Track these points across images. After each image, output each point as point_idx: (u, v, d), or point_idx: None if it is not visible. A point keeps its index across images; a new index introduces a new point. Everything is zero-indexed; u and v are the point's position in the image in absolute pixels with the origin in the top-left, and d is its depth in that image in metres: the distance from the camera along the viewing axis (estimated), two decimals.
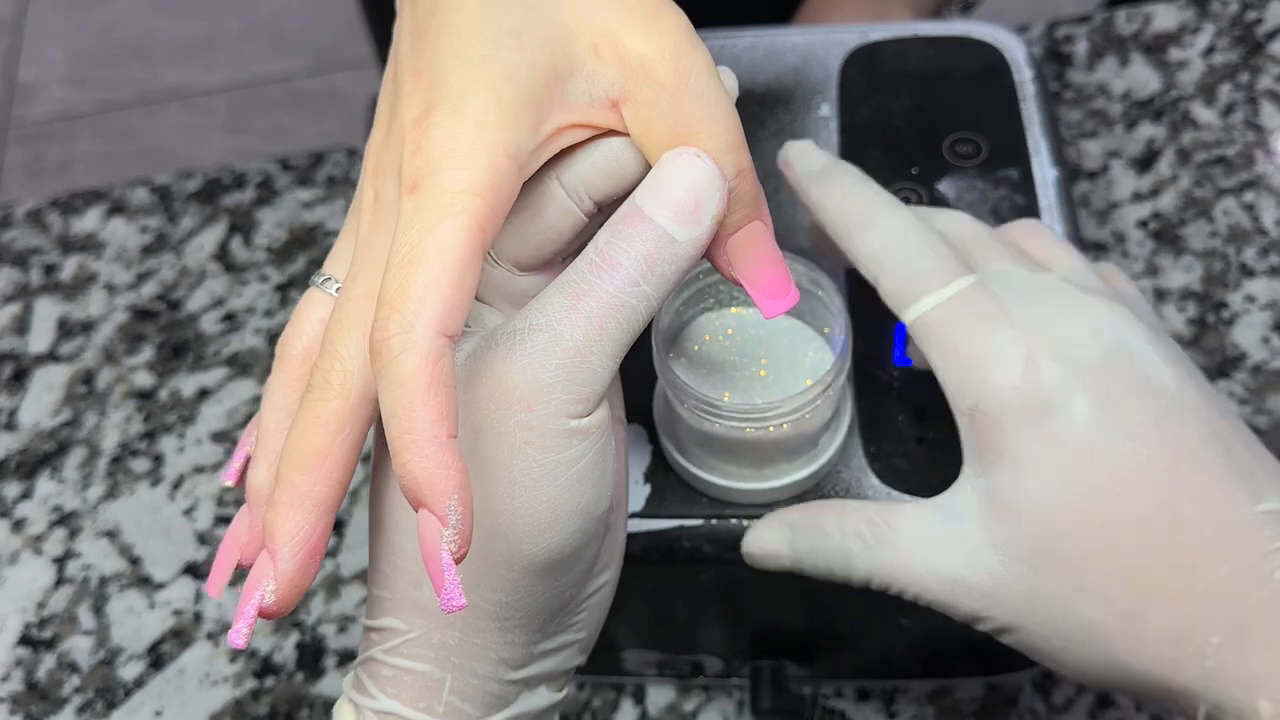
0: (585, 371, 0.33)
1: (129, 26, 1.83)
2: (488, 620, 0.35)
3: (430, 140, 0.32)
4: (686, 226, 0.33)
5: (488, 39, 0.33)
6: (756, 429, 0.42)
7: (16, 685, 0.61)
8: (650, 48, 0.34)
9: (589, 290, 0.33)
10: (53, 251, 0.75)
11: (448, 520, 0.30)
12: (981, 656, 0.55)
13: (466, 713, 0.36)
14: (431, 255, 0.30)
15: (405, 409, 0.30)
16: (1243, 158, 0.71)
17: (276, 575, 0.33)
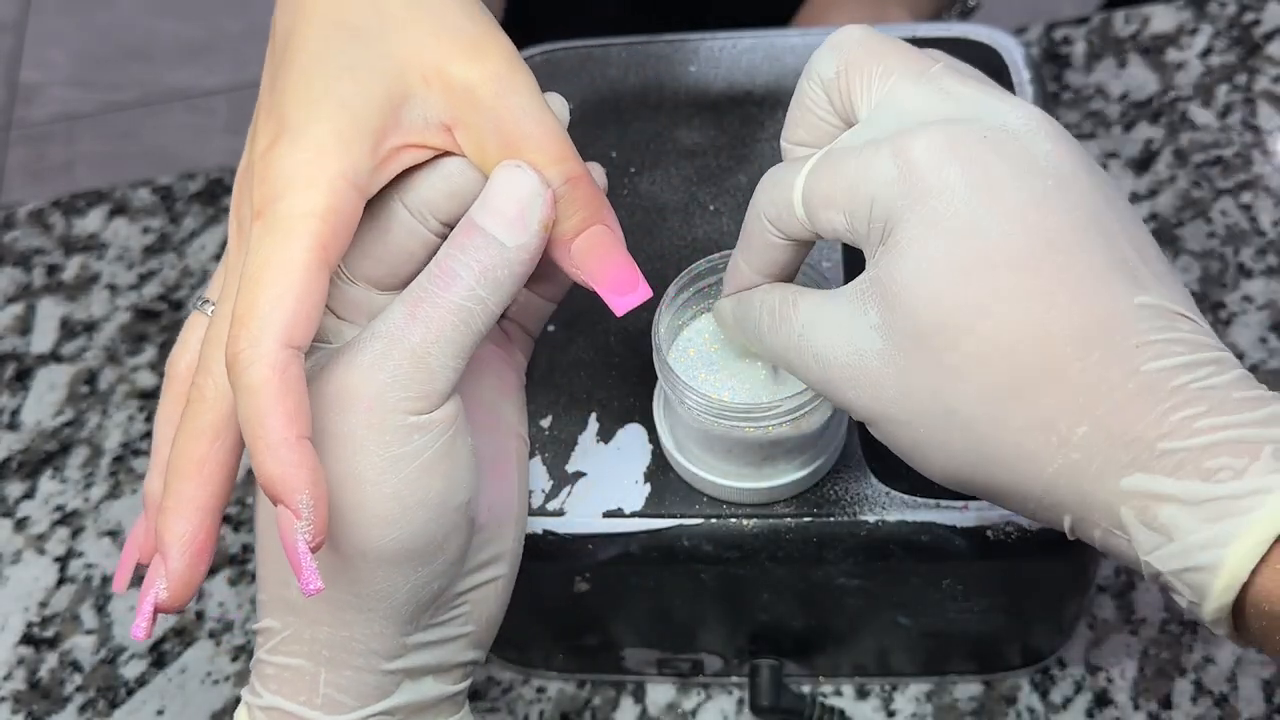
0: (424, 370, 0.36)
1: (131, 28, 1.83)
2: (352, 613, 0.38)
3: (273, 169, 0.35)
4: (515, 233, 0.37)
5: (326, 75, 0.37)
6: (756, 428, 0.42)
7: (19, 684, 0.61)
8: (473, 74, 0.37)
9: (426, 298, 0.36)
10: (55, 252, 0.75)
11: (301, 513, 0.33)
12: (980, 655, 0.55)
13: (344, 703, 0.38)
14: (276, 274, 0.34)
15: (257, 415, 0.33)
16: (1240, 159, 0.71)
17: (168, 574, 0.36)
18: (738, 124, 0.55)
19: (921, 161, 0.33)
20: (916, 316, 0.33)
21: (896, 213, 0.34)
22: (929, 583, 0.48)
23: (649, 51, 0.57)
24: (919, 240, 0.33)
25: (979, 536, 0.46)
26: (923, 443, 0.35)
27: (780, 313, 0.38)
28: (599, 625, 0.53)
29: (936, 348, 0.33)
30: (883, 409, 0.35)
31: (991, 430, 0.33)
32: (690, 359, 0.45)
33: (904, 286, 0.33)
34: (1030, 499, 0.34)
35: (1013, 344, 0.32)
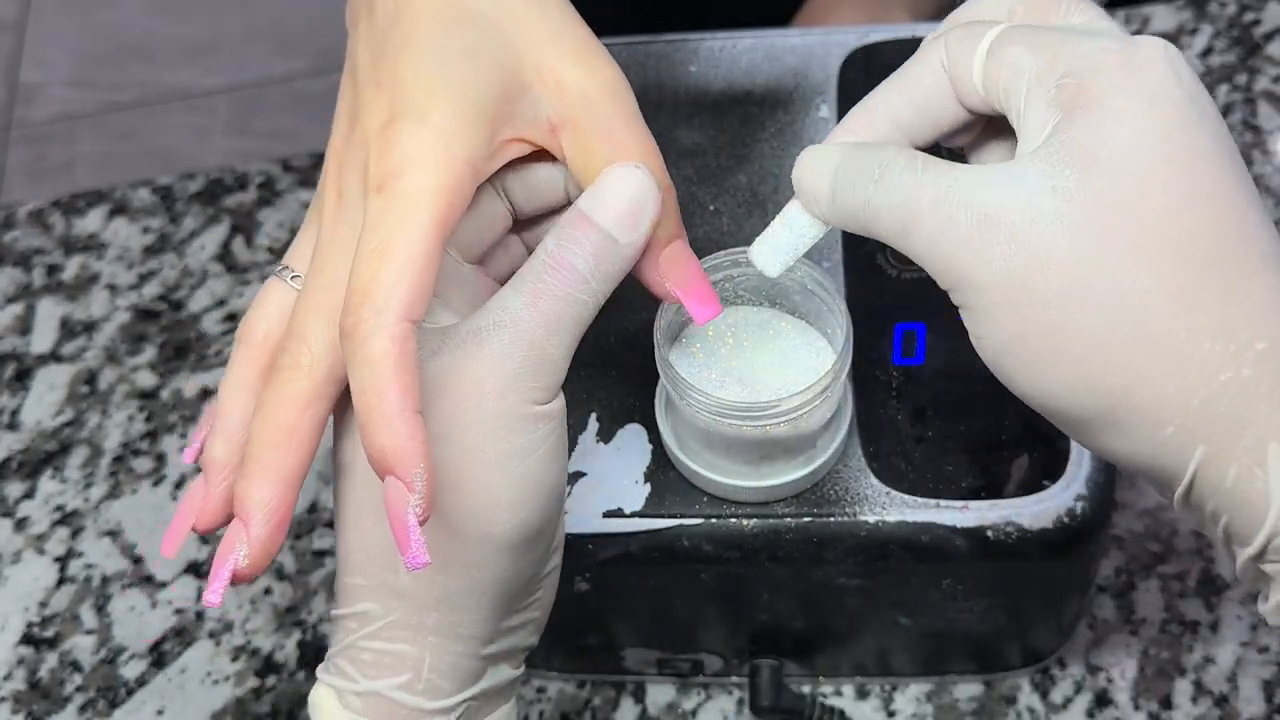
0: (546, 362, 0.36)
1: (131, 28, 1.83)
2: (465, 597, 0.38)
3: (396, 146, 0.36)
4: (627, 230, 0.37)
5: (446, 56, 0.37)
6: (756, 427, 0.42)
7: (19, 684, 0.61)
8: (589, 80, 0.38)
9: (546, 289, 0.36)
10: (55, 252, 0.75)
11: (414, 485, 0.33)
12: (980, 655, 0.55)
13: (443, 688, 0.38)
14: (400, 248, 0.34)
15: (374, 386, 0.34)
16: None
17: (250, 541, 0.37)
18: (738, 124, 0.55)
19: (1153, 49, 0.33)
20: (1124, 184, 0.32)
21: (1109, 78, 0.33)
22: (929, 583, 0.48)
23: (649, 51, 0.57)
24: (1136, 113, 0.32)
25: (979, 536, 0.46)
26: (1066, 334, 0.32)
27: (928, 162, 0.35)
28: (599, 625, 0.53)
29: (1135, 223, 0.32)
30: (1034, 281, 0.32)
31: (1169, 324, 0.32)
32: (691, 357, 0.45)
33: (1117, 152, 0.32)
34: (1171, 420, 0.32)
35: (1213, 240, 0.32)
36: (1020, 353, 0.34)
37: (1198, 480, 0.33)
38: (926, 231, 0.34)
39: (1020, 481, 0.46)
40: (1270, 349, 0.31)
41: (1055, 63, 0.33)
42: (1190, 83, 0.33)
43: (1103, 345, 0.32)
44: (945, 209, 0.34)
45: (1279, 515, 0.31)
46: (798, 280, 0.44)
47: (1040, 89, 0.34)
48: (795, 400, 0.41)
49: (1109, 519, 0.48)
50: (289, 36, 1.79)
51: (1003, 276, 0.33)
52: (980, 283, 0.33)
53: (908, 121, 0.37)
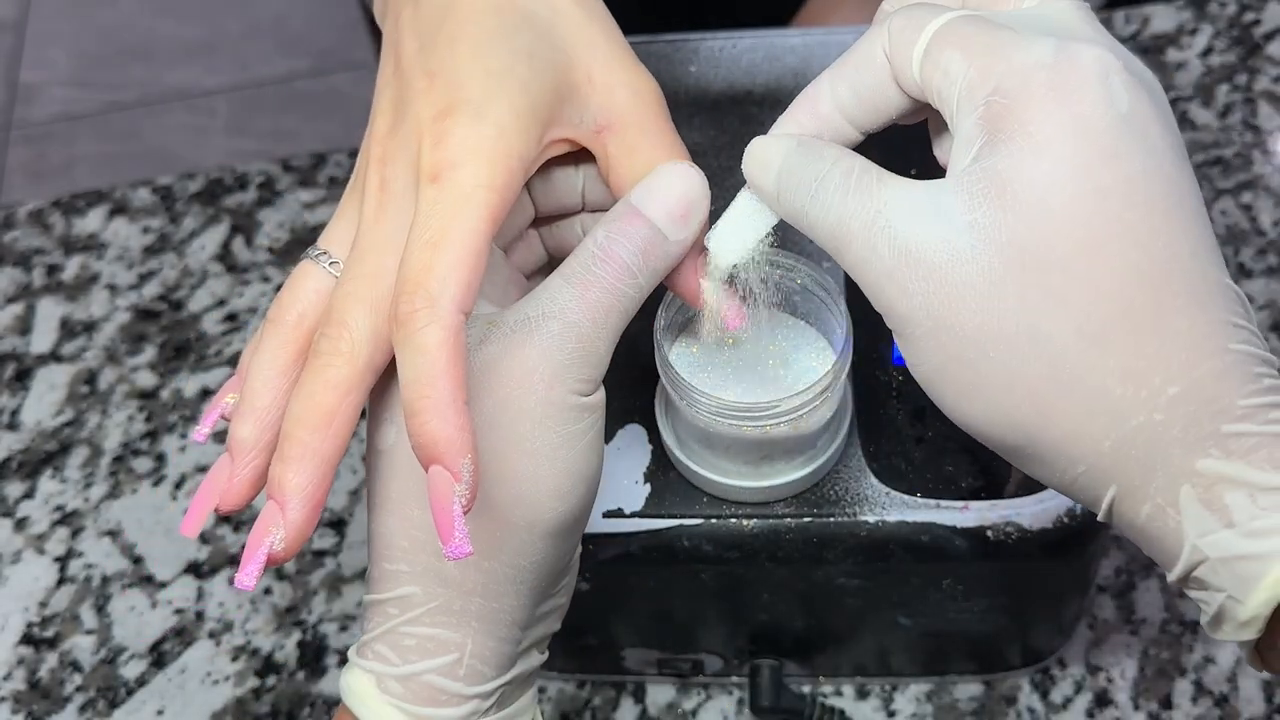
0: (593, 354, 0.37)
1: (131, 28, 1.83)
2: (507, 584, 0.38)
3: (453, 137, 0.36)
4: (678, 227, 0.37)
5: (505, 53, 0.37)
6: (756, 428, 0.42)
7: (19, 684, 0.61)
8: (634, 85, 0.39)
9: (594, 282, 0.36)
10: (55, 252, 0.75)
11: (461, 475, 0.33)
12: (980, 655, 0.55)
13: (484, 673, 0.39)
14: (454, 239, 0.34)
15: (428, 376, 0.34)
16: (1240, 159, 0.71)
17: (286, 524, 0.36)
18: (738, 124, 0.55)
19: (1088, 66, 0.32)
20: (1040, 223, 0.31)
21: (1037, 101, 0.31)
22: (929, 583, 0.48)
23: (649, 51, 0.57)
24: (1061, 142, 0.31)
25: (979, 537, 0.46)
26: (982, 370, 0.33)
27: (860, 180, 0.35)
28: (599, 625, 0.53)
29: (1049, 263, 0.31)
30: (951, 318, 0.32)
31: (1080, 368, 0.31)
32: (691, 357, 0.45)
33: (1035, 187, 0.31)
34: (1083, 460, 0.32)
35: (1132, 279, 0.31)
36: (944, 382, 0.34)
37: (1113, 513, 0.33)
38: (855, 255, 0.34)
39: (1020, 482, 0.46)
40: (1183, 392, 0.31)
41: (987, 75, 0.32)
42: (1127, 101, 0.32)
43: (1016, 384, 0.32)
44: (871, 237, 0.34)
45: (1191, 553, 0.31)
46: (800, 282, 0.44)
47: (969, 103, 0.33)
48: (795, 400, 0.41)
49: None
50: (289, 36, 1.79)
51: (923, 312, 0.33)
52: (903, 314, 0.34)
53: (852, 109, 0.37)
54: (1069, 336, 0.31)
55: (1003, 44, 0.33)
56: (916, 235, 0.33)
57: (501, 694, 0.39)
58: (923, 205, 0.33)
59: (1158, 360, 0.31)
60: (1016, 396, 0.32)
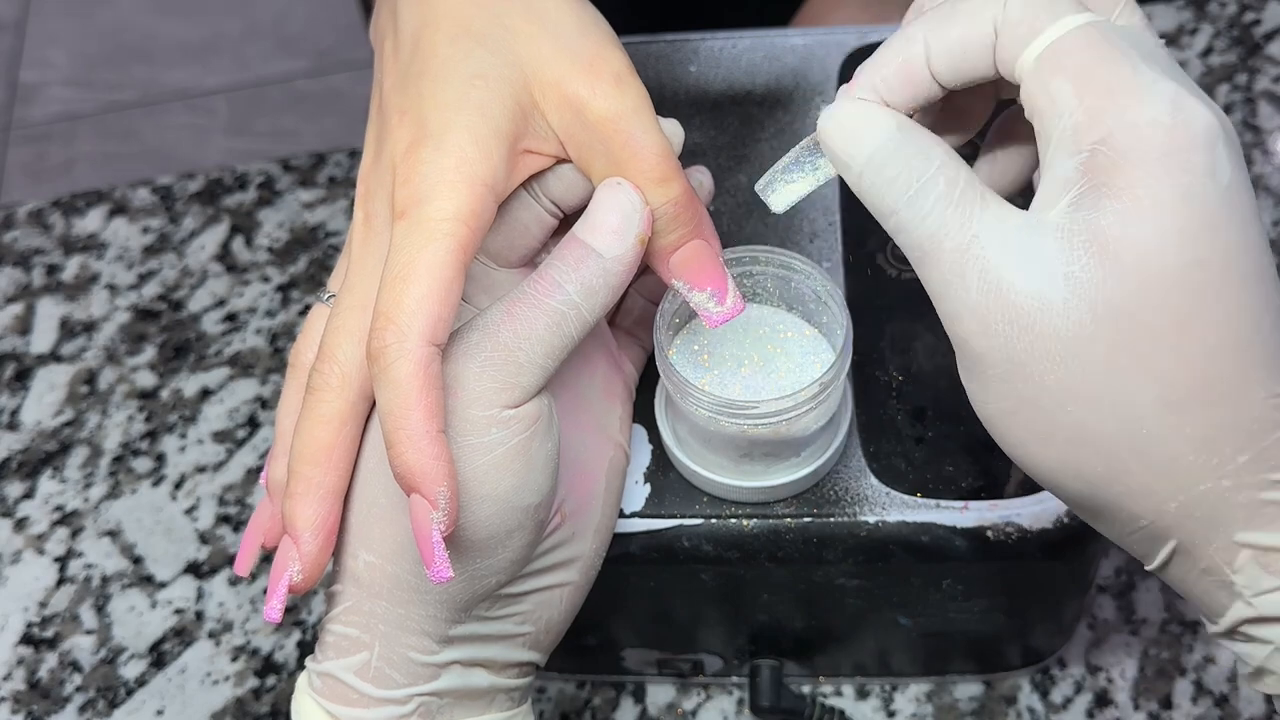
0: (511, 364, 0.37)
1: (131, 28, 1.83)
2: (410, 592, 0.39)
3: (417, 173, 0.37)
4: (611, 245, 0.38)
5: (461, 80, 0.38)
6: (756, 427, 0.42)
7: (18, 684, 0.61)
8: (585, 93, 0.38)
9: (524, 299, 0.37)
10: (55, 252, 0.75)
11: (438, 504, 0.34)
12: (980, 655, 0.55)
13: (393, 679, 0.39)
14: (421, 274, 0.35)
15: (400, 408, 0.34)
16: None
17: (301, 557, 0.38)
18: (738, 124, 0.55)
19: (1200, 134, 0.31)
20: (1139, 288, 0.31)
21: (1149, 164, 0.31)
22: (929, 583, 0.48)
23: (649, 51, 0.57)
24: (1170, 210, 0.31)
25: (979, 537, 0.46)
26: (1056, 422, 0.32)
27: (964, 196, 0.33)
28: (599, 625, 0.53)
29: (1142, 328, 0.31)
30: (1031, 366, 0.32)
31: (1157, 433, 0.32)
32: (692, 357, 0.45)
33: (1137, 250, 0.31)
34: (1146, 516, 0.33)
35: (1218, 352, 0.31)
36: (1012, 426, 0.34)
37: (1166, 567, 0.34)
38: (939, 276, 0.34)
39: (1020, 482, 0.46)
40: (1252, 460, 0.32)
41: (1097, 120, 0.32)
42: (1231, 171, 0.32)
43: (1090, 440, 0.32)
44: (961, 264, 0.33)
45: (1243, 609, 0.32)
46: (798, 280, 0.44)
47: (1073, 143, 0.32)
48: (795, 400, 0.41)
49: None
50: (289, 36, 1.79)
51: (1002, 354, 0.33)
52: (978, 351, 0.33)
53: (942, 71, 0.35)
54: (1150, 402, 0.32)
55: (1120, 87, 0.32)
56: (1010, 274, 0.32)
57: (425, 705, 0.40)
58: (1019, 243, 0.32)
59: (1232, 430, 0.32)
60: (1087, 451, 0.33)
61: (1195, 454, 0.32)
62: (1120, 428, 0.32)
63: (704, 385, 0.44)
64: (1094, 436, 0.32)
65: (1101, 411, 0.32)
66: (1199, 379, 0.31)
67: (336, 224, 0.74)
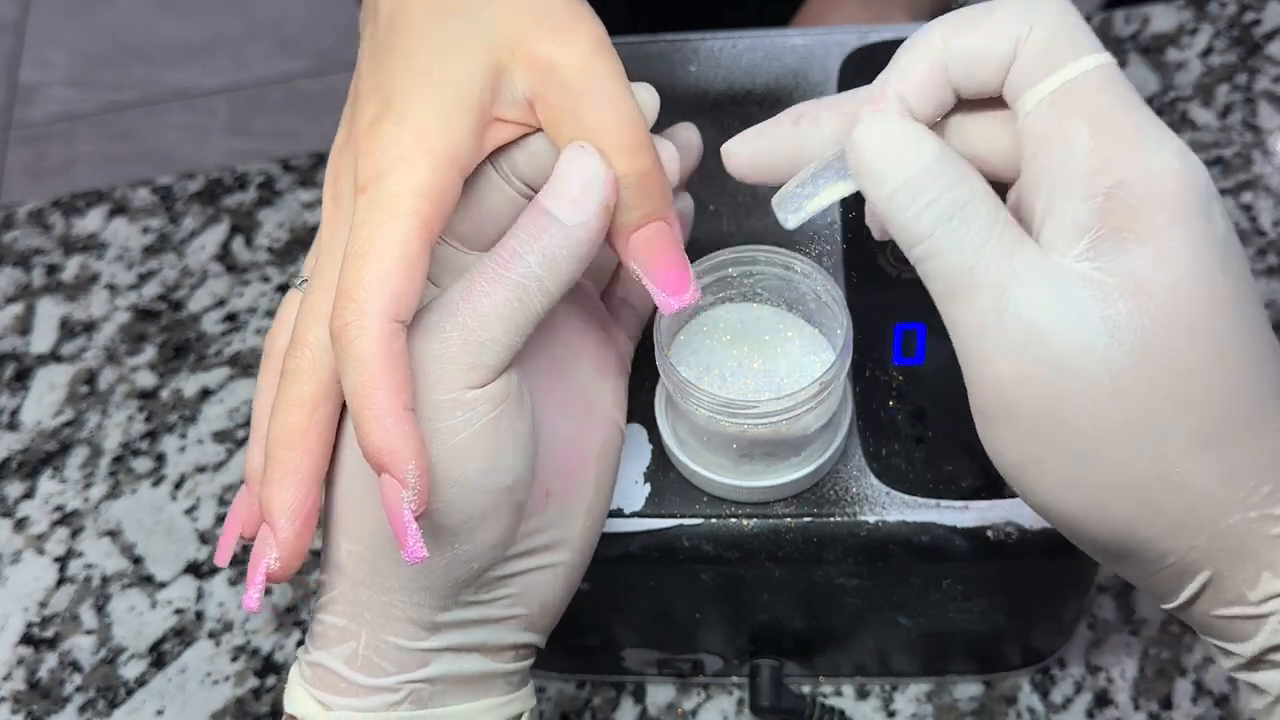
0: (473, 344, 0.36)
1: (131, 28, 1.83)
2: (393, 579, 0.38)
3: (377, 146, 0.36)
4: (574, 212, 0.36)
5: (431, 50, 0.37)
6: (756, 426, 0.42)
7: (18, 684, 0.61)
8: (558, 55, 0.37)
9: (484, 274, 0.36)
10: (55, 252, 0.75)
11: (407, 482, 0.34)
12: (980, 655, 0.55)
13: (382, 667, 0.39)
14: (381, 250, 0.34)
15: (365, 386, 0.34)
16: (1240, 158, 0.71)
17: (278, 544, 0.37)
18: (738, 124, 0.55)
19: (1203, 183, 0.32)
20: (1174, 330, 0.31)
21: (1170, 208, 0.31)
22: (929, 583, 0.48)
23: (649, 51, 0.57)
24: (1195, 252, 0.31)
25: (979, 537, 0.46)
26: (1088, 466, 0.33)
27: (1006, 229, 0.33)
28: (599, 625, 0.53)
29: (1177, 369, 0.32)
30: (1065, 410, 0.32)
31: (1190, 470, 0.32)
32: (692, 356, 0.45)
33: (1170, 293, 0.31)
34: (1175, 552, 0.33)
35: (1241, 387, 0.32)
36: (1038, 472, 0.34)
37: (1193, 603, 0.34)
38: (973, 314, 0.33)
39: None
40: (1274, 491, 0.32)
41: (1113, 165, 0.32)
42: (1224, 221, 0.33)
43: (1122, 481, 0.32)
44: (999, 303, 0.32)
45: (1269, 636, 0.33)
46: (798, 280, 0.44)
47: (1088, 186, 0.32)
48: (795, 399, 0.41)
49: None
50: (289, 36, 1.79)
51: (1035, 400, 0.32)
52: (1010, 398, 0.33)
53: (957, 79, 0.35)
54: (1184, 441, 0.32)
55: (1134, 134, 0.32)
56: (1050, 320, 0.32)
57: (417, 692, 0.39)
58: (1054, 286, 0.32)
59: (1256, 462, 0.32)
60: (1119, 494, 0.33)
61: (1224, 489, 0.32)
62: (1155, 468, 0.32)
63: (704, 385, 0.44)
64: (1127, 479, 0.32)
65: (1136, 453, 0.32)
66: (1227, 415, 0.32)
67: None
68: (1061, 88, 0.33)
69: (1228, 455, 0.32)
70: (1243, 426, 0.32)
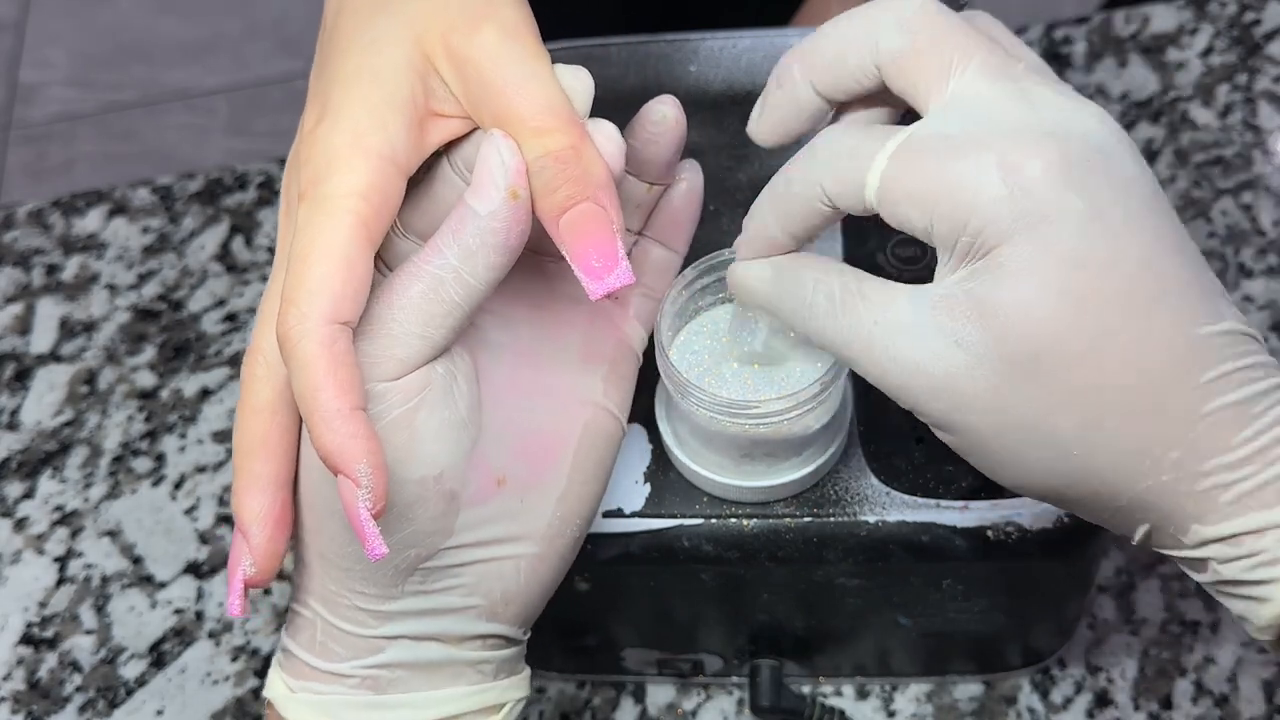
0: (385, 336, 0.36)
1: (131, 28, 1.83)
2: (335, 570, 0.39)
3: (316, 150, 0.36)
4: (483, 200, 0.36)
5: (360, 50, 0.38)
6: (756, 426, 0.42)
7: (18, 684, 0.61)
8: (468, 46, 0.37)
9: (403, 268, 0.37)
10: (55, 252, 0.75)
11: (361, 481, 0.34)
12: (980, 655, 0.55)
13: (337, 653, 0.40)
14: (320, 254, 0.35)
15: (310, 389, 0.34)
16: (1241, 158, 0.71)
17: (251, 550, 0.38)
18: (738, 124, 0.55)
19: (1038, 184, 0.33)
20: (1026, 344, 0.33)
21: (1002, 232, 0.33)
22: (929, 583, 0.48)
23: (649, 51, 0.57)
24: (1031, 266, 0.33)
25: (979, 537, 0.46)
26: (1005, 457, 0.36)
27: (844, 301, 0.37)
28: (599, 625, 0.53)
29: (1043, 375, 0.34)
30: (967, 423, 0.35)
31: (1088, 452, 0.34)
32: (692, 356, 0.45)
33: (1014, 311, 0.33)
34: (1107, 509, 0.36)
35: (1120, 375, 0.33)
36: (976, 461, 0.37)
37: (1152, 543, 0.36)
38: (866, 371, 0.37)
39: None
40: (1184, 454, 0.33)
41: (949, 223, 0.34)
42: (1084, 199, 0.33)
43: (1035, 467, 0.35)
44: (875, 358, 0.36)
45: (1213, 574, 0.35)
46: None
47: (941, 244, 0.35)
48: (796, 399, 0.41)
49: None
50: (289, 36, 1.79)
51: (939, 417, 0.36)
52: (927, 417, 0.36)
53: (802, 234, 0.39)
54: (1072, 430, 0.34)
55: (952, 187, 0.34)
56: (916, 354, 0.35)
57: (373, 677, 0.40)
58: (911, 323, 0.35)
59: (1156, 435, 0.33)
60: (1037, 475, 0.35)
61: (1127, 462, 0.34)
62: (1055, 454, 0.35)
63: (704, 385, 0.44)
64: (1038, 464, 0.35)
65: (1036, 444, 0.35)
66: (1111, 401, 0.33)
67: None
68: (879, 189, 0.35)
69: (1121, 436, 0.34)
70: (1136, 408, 0.33)
